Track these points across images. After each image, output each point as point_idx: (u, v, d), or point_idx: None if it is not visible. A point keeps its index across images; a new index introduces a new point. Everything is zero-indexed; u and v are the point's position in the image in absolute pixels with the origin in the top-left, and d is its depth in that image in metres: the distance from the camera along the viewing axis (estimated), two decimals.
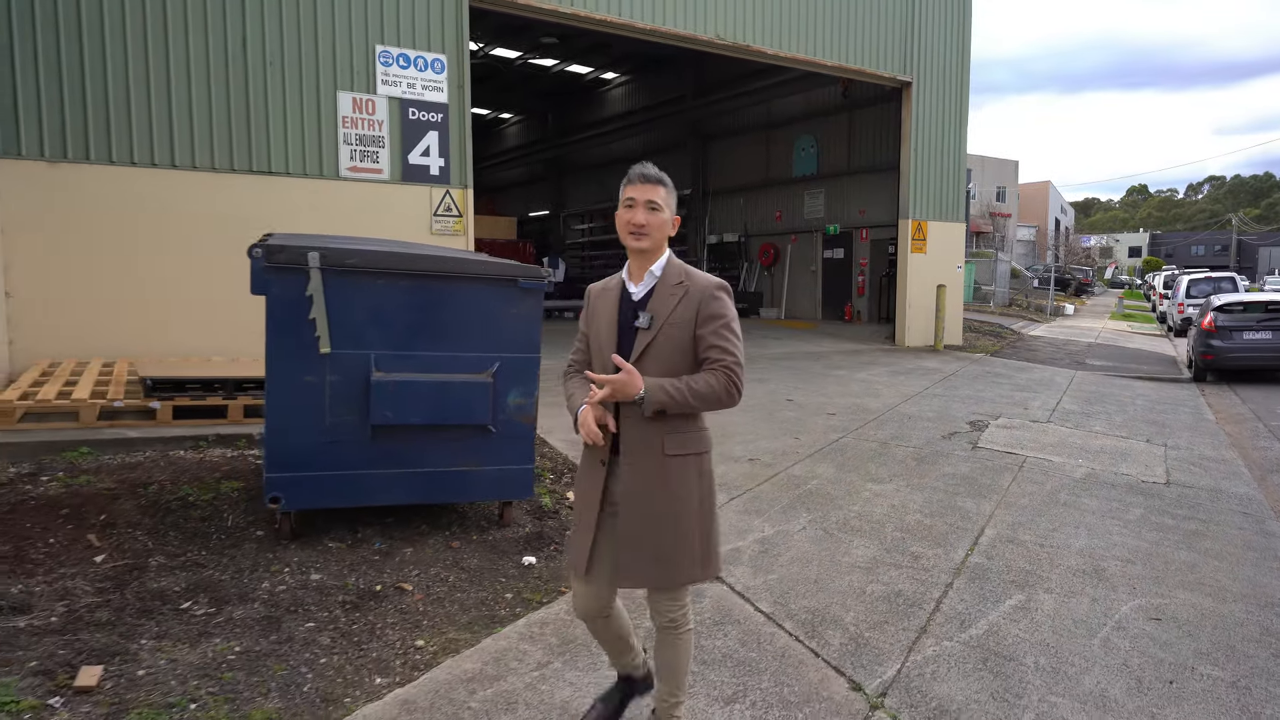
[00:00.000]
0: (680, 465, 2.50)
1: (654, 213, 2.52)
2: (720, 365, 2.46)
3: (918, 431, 8.18)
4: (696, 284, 2.53)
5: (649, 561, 2.49)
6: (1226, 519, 5.91)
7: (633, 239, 2.53)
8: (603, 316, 2.62)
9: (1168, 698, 3.36)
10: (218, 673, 3.21)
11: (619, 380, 2.37)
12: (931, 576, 4.49)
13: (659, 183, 2.54)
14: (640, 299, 2.56)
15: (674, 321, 2.48)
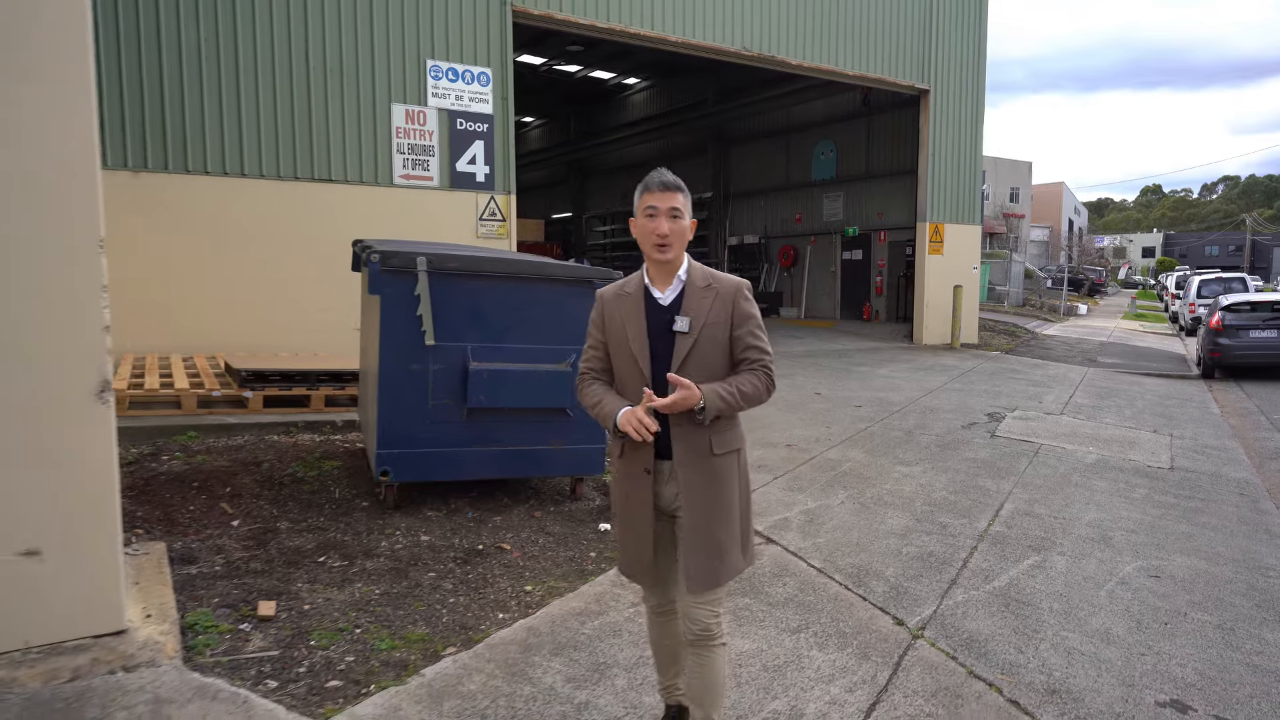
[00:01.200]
0: (725, 463, 2.56)
1: (676, 220, 2.50)
2: (759, 365, 2.54)
3: (939, 422, 8.80)
4: (725, 285, 2.57)
5: (709, 559, 2.53)
6: (1224, 498, 6.51)
7: (657, 251, 2.51)
8: (628, 323, 2.58)
9: (1162, 635, 3.98)
10: (368, 608, 3.87)
11: (680, 397, 2.38)
12: (958, 541, 5.12)
13: (677, 189, 2.51)
14: (671, 303, 2.56)
15: (711, 323, 2.52)
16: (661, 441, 2.52)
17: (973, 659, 3.62)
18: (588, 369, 2.71)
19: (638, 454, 2.57)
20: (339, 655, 3.38)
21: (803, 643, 3.68)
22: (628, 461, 2.61)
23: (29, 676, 2.86)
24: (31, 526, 2.86)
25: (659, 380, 2.49)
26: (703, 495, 2.52)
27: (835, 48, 14.68)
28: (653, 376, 2.52)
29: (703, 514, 2.53)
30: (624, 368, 2.60)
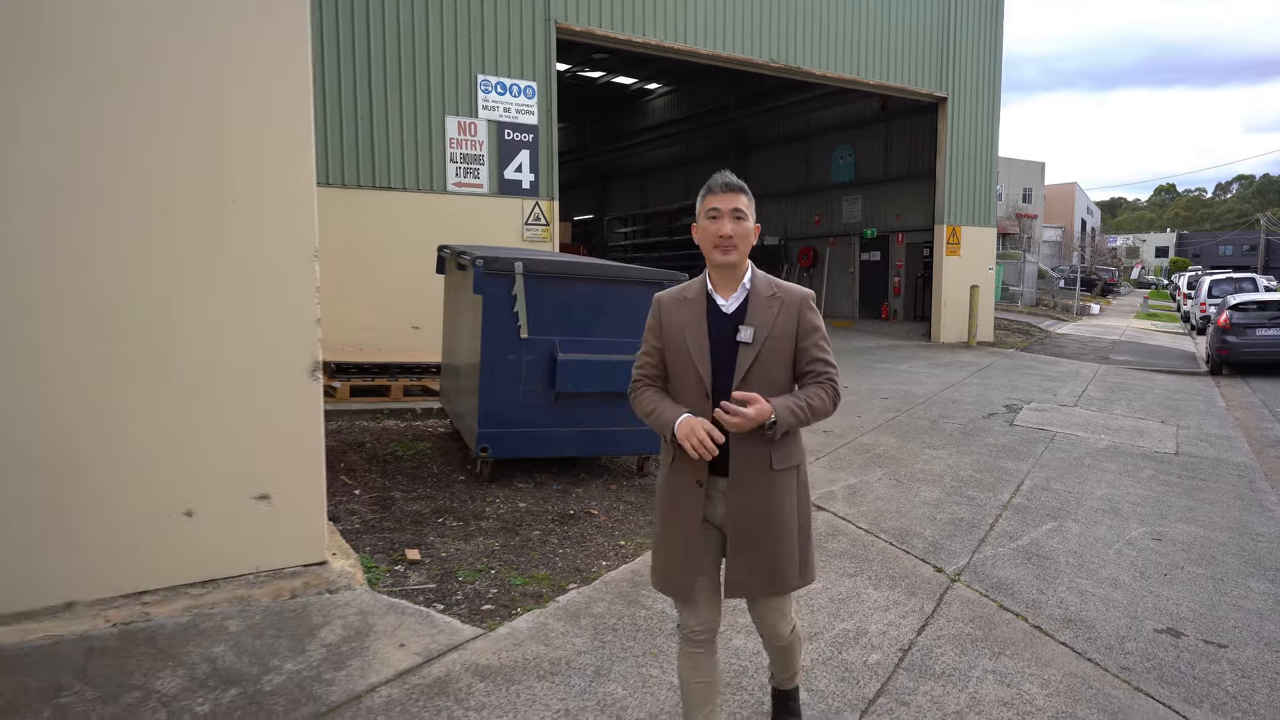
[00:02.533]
0: (784, 479, 2.49)
1: (740, 222, 2.44)
2: (826, 378, 2.49)
3: (961, 412, 9.52)
4: (790, 295, 2.51)
5: (757, 572, 2.49)
6: (1223, 479, 7.21)
7: (720, 253, 2.43)
8: (688, 330, 2.49)
9: (1162, 583, 4.71)
10: (494, 556, 4.63)
11: (754, 412, 2.31)
12: (985, 510, 5.85)
13: (741, 190, 2.46)
14: (734, 312, 2.49)
15: (776, 334, 2.45)
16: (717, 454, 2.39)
17: (1002, 597, 4.36)
18: (641, 375, 2.61)
19: (691, 465, 2.47)
20: (484, 588, 4.15)
21: (859, 584, 4.43)
22: (678, 472, 2.52)
23: (261, 594, 3.64)
24: (263, 476, 3.65)
25: (721, 392, 2.43)
26: (758, 512, 2.45)
27: (858, 58, 15.38)
28: (713, 387, 2.44)
29: (756, 531, 2.46)
30: (681, 376, 2.51)
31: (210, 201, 3.38)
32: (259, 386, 3.60)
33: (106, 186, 3.27)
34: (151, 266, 3.36)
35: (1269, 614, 4.39)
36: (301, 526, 3.76)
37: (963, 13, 16.79)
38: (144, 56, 3.28)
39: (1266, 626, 4.24)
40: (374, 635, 3.47)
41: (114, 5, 3.20)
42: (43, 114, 3.13)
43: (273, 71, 3.45)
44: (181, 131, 3.37)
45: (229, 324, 3.50)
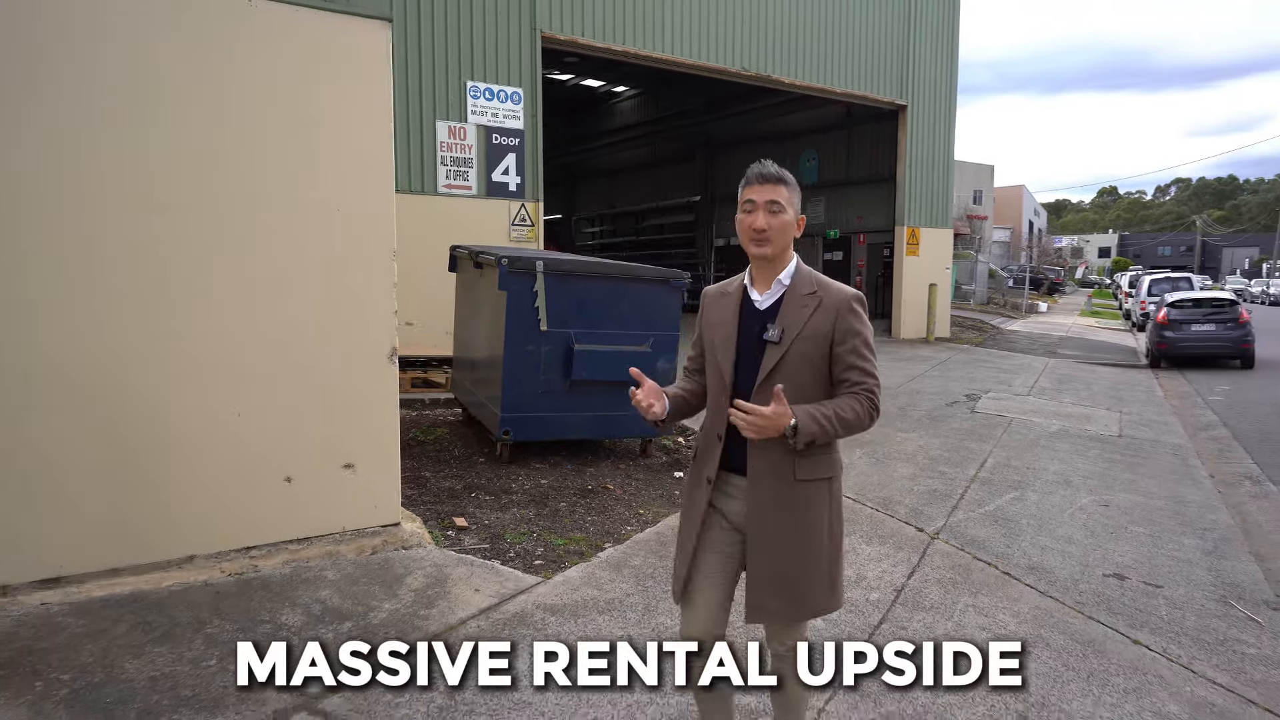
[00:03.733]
0: (812, 490, 2.32)
1: (776, 215, 2.31)
2: (863, 389, 2.30)
3: (925, 401, 10.30)
4: (831, 295, 2.34)
5: (778, 594, 2.33)
6: (1160, 457, 8.07)
7: (754, 246, 2.33)
8: (720, 325, 2.42)
9: (1109, 539, 5.47)
10: (531, 523, 5.21)
11: (765, 415, 2.15)
12: (955, 483, 6.59)
13: (780, 181, 2.34)
14: (767, 309, 2.37)
15: (807, 336, 2.30)
16: (734, 452, 2.35)
17: (975, 550, 5.08)
18: (686, 367, 2.63)
19: (705, 460, 2.43)
20: (531, 547, 4.73)
21: (854, 541, 5.10)
22: (695, 467, 2.49)
23: (348, 550, 4.19)
24: (349, 447, 4.19)
25: (741, 390, 2.34)
26: (776, 525, 2.31)
27: (824, 68, 16.17)
28: (733, 385, 2.36)
29: (769, 542, 2.32)
30: (712, 372, 2.45)
31: (320, 210, 3.93)
32: (348, 369, 4.15)
33: (245, 202, 3.80)
34: (270, 265, 3.89)
35: (1197, 562, 5.17)
36: (380, 492, 4.31)
37: (922, 26, 17.69)
38: (286, 110, 3.82)
39: (1195, 572, 5.01)
40: (451, 582, 4.04)
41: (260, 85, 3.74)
42: (190, 154, 3.66)
43: (364, 113, 4.02)
44: (297, 153, 3.91)
45: (327, 315, 4.05)
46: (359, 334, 4.17)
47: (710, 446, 2.42)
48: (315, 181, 3.95)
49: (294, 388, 4.03)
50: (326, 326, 4.07)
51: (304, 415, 4.07)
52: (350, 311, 4.12)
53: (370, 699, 3.02)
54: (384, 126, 4.14)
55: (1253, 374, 14.75)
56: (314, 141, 3.97)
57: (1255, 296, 44.93)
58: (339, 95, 4.02)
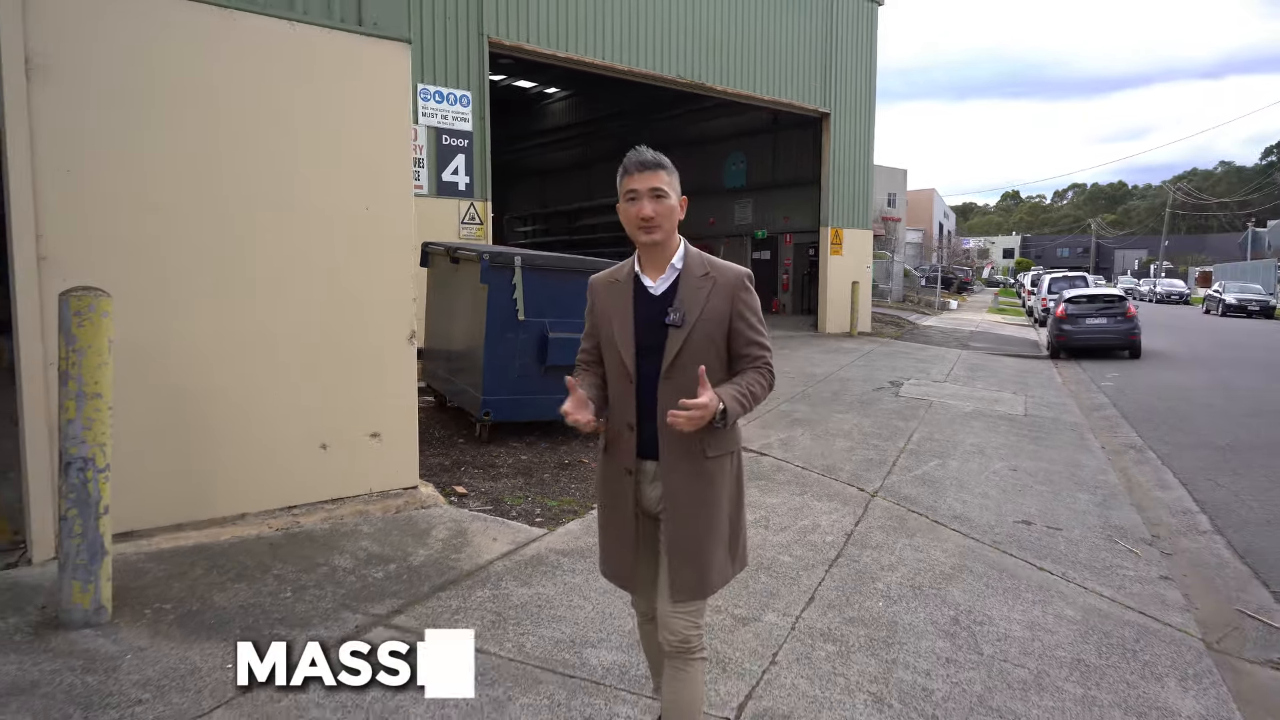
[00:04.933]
0: (718, 465, 2.37)
1: (660, 200, 2.32)
2: (763, 362, 2.39)
3: (855, 387, 11.26)
4: (725, 274, 2.38)
5: (695, 571, 2.37)
6: (1060, 432, 9.16)
7: (644, 234, 2.32)
8: (615, 314, 2.40)
9: (1018, 495, 6.40)
10: (522, 490, 5.82)
11: (705, 406, 2.15)
12: (887, 453, 7.46)
13: (659, 166, 2.35)
14: (663, 293, 2.37)
15: (708, 317, 2.32)
16: (645, 439, 2.36)
17: (908, 505, 5.92)
18: (581, 360, 2.60)
19: (619, 452, 2.42)
20: (530, 508, 5.35)
21: (807, 499, 5.89)
22: (610, 459, 2.46)
23: (376, 509, 4.74)
24: (375, 417, 4.75)
25: (644, 377, 2.34)
26: (691, 501, 2.35)
27: (755, 77, 17.10)
28: (637, 372, 2.34)
29: (690, 521, 2.35)
30: (611, 362, 2.43)
31: (354, 210, 4.47)
32: (374, 349, 4.70)
33: (294, 202, 4.32)
34: (311, 258, 4.42)
35: (1089, 512, 6.14)
36: (401, 458, 4.88)
37: (843, 40, 18.82)
38: (323, 120, 4.36)
39: (1087, 519, 5.97)
40: (471, 534, 4.64)
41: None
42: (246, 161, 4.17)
43: (389, 123, 4.58)
44: (334, 158, 4.45)
45: (359, 301, 4.59)
46: (385, 318, 4.73)
47: (621, 437, 2.40)
48: (350, 183, 4.50)
49: (330, 366, 4.57)
50: (358, 312, 4.62)
51: (338, 390, 4.61)
52: (378, 298, 4.68)
53: (432, 608, 3.62)
54: (404, 134, 4.71)
55: (1139, 363, 16.29)
56: (347, 147, 4.51)
57: (1143, 295, 48.27)
58: (367, 107, 4.58)
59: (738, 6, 16.59)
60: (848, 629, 3.85)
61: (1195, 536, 5.87)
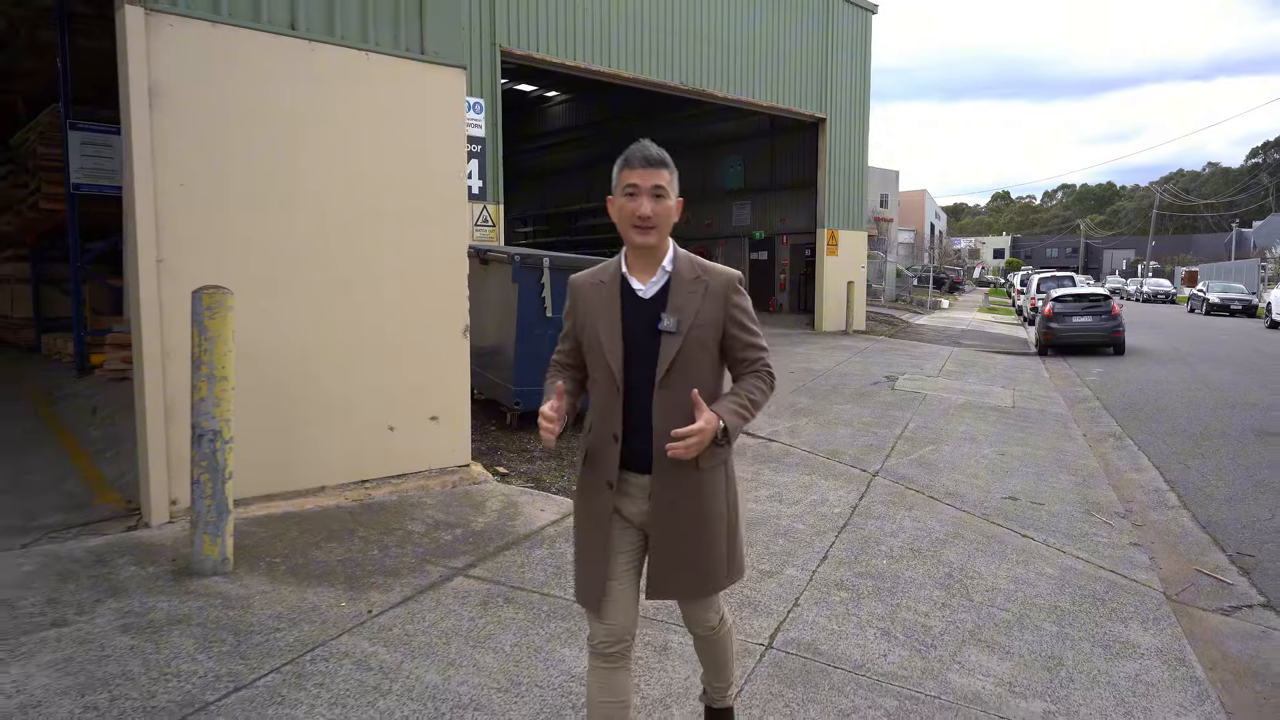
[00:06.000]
0: (712, 476, 2.30)
1: (660, 200, 2.22)
2: (761, 365, 2.32)
3: (853, 381, 11.88)
4: (716, 278, 2.29)
5: (682, 573, 2.32)
6: (1045, 422, 9.79)
7: (638, 234, 2.21)
8: (600, 317, 2.28)
9: (1005, 476, 7.03)
10: (558, 470, 6.40)
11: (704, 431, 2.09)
12: (885, 440, 8.08)
13: (662, 164, 2.24)
14: (654, 297, 2.27)
15: (701, 322, 2.24)
16: (632, 452, 2.25)
17: (906, 484, 6.54)
18: (556, 362, 2.48)
19: (601, 463, 2.30)
20: (567, 485, 5.94)
21: (815, 478, 6.50)
22: (590, 470, 2.36)
23: (435, 484, 5.33)
24: (434, 403, 5.33)
25: (635, 385, 2.24)
26: (685, 514, 2.27)
27: (753, 83, 17.71)
28: (624, 381, 2.24)
29: (684, 532, 2.28)
30: (595, 367, 2.32)
31: (420, 217, 5.06)
32: (433, 341, 5.29)
33: (375, 212, 4.90)
34: (384, 261, 5.01)
35: (1070, 490, 6.77)
36: (456, 439, 5.46)
37: (839, 47, 19.46)
38: (393, 137, 4.94)
39: (1067, 496, 6.59)
40: (521, 505, 5.22)
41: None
42: (336, 174, 4.75)
43: (447, 139, 5.17)
44: (404, 172, 5.03)
45: (423, 300, 5.18)
46: (442, 314, 5.32)
47: (605, 448, 2.29)
48: (414, 192, 5.09)
49: (397, 356, 5.16)
50: (421, 309, 5.21)
51: (403, 377, 5.20)
52: (438, 297, 5.27)
53: (500, 563, 4.22)
54: (460, 147, 5.29)
55: (1123, 359, 16.97)
56: (412, 159, 5.10)
57: (1130, 294, 49.14)
58: (428, 124, 5.16)
59: (739, 16, 17.20)
60: (857, 580, 4.46)
61: (1164, 511, 6.51)
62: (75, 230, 7.85)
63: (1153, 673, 3.71)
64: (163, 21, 4.17)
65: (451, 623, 3.54)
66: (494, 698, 3.02)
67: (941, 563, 4.84)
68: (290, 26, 4.61)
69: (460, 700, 2.99)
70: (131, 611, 3.46)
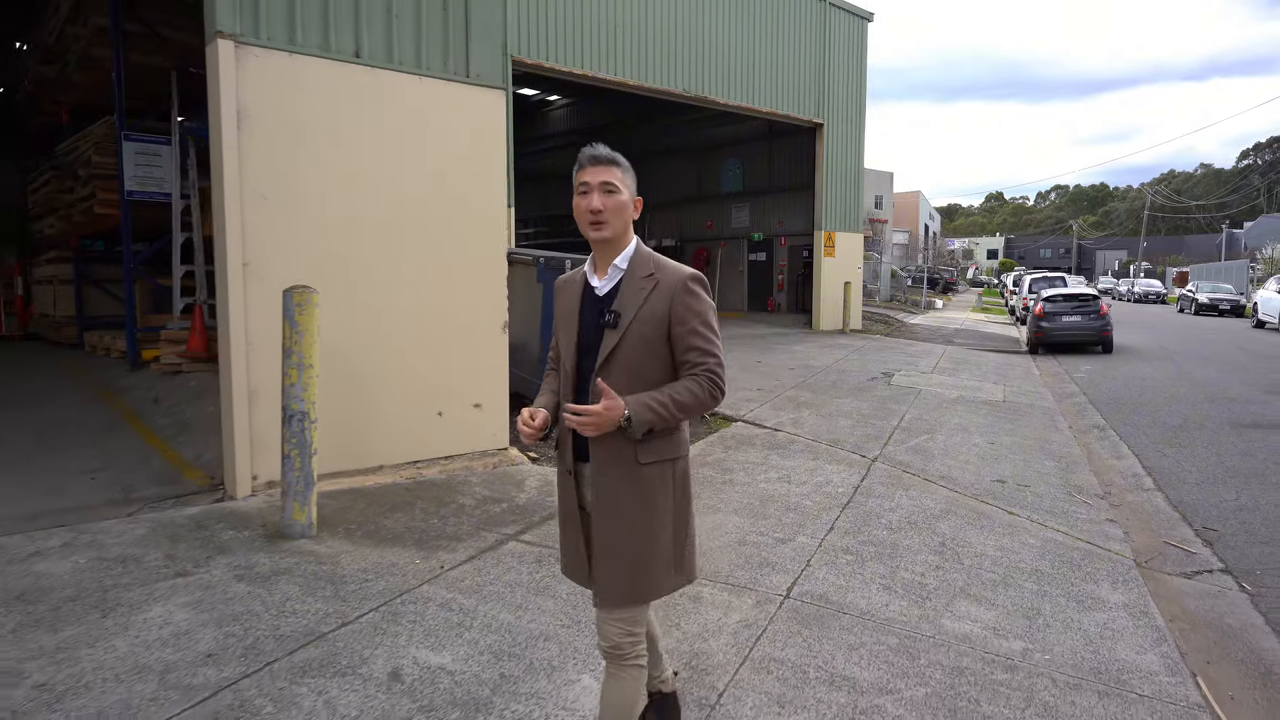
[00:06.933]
0: (652, 472, 2.30)
1: (610, 195, 2.31)
2: (702, 369, 2.28)
3: (851, 377, 12.46)
4: (668, 276, 2.31)
5: (623, 576, 2.31)
6: (1033, 415, 10.39)
7: (593, 229, 2.31)
8: (564, 314, 2.42)
9: (994, 462, 7.61)
10: None
11: (598, 413, 2.12)
12: (883, 430, 8.67)
13: (611, 163, 2.35)
14: (606, 294, 2.34)
15: (644, 318, 2.27)
16: (582, 442, 2.33)
17: (903, 468, 7.12)
18: (550, 358, 2.62)
19: (563, 453, 2.43)
20: None
21: (819, 464, 7.07)
22: (559, 459, 2.48)
23: (478, 465, 5.89)
24: (477, 391, 5.89)
25: (584, 378, 2.33)
26: (618, 506, 2.29)
27: (753, 90, 18.30)
28: (576, 373, 2.35)
29: (615, 526, 2.31)
30: (562, 361, 2.44)
31: (469, 221, 5.62)
32: (476, 336, 5.85)
33: (439, 218, 5.46)
34: (440, 263, 5.57)
35: (1054, 474, 7.35)
36: (497, 424, 6.02)
37: (835, 55, 20.07)
38: (446, 151, 5.50)
39: (1052, 479, 7.18)
40: (556, 484, 5.78)
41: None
42: (400, 187, 5.31)
43: (491, 152, 5.74)
44: (457, 181, 5.59)
45: (468, 298, 5.74)
46: (484, 311, 5.88)
47: (565, 438, 2.41)
48: (462, 200, 5.66)
49: (445, 349, 5.72)
50: (466, 307, 5.77)
51: (450, 368, 5.76)
52: (481, 296, 5.84)
53: (547, 531, 4.78)
54: (501, 160, 5.86)
55: (1111, 357, 17.59)
56: (460, 170, 5.67)
57: (1122, 294, 49.87)
58: (474, 139, 5.73)
59: (739, 25, 17.79)
60: (861, 547, 5.04)
61: (1140, 493, 7.10)
62: (128, 234, 8.40)
63: (1119, 621, 4.29)
64: (249, 53, 4.73)
65: (513, 576, 4.11)
66: (560, 631, 3.59)
67: (935, 534, 5.42)
68: (355, 55, 5.17)
69: (533, 633, 3.55)
70: (239, 565, 4.02)
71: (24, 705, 2.80)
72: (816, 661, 3.54)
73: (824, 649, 3.67)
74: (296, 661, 3.17)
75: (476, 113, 5.73)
